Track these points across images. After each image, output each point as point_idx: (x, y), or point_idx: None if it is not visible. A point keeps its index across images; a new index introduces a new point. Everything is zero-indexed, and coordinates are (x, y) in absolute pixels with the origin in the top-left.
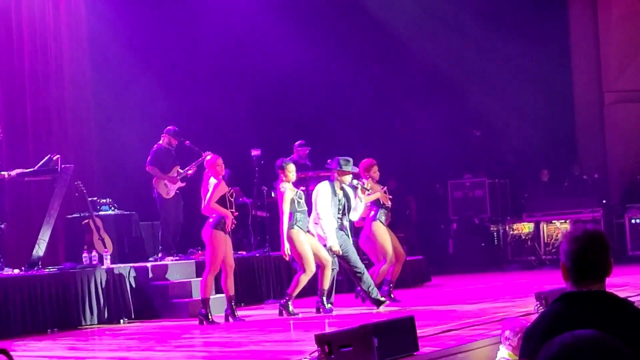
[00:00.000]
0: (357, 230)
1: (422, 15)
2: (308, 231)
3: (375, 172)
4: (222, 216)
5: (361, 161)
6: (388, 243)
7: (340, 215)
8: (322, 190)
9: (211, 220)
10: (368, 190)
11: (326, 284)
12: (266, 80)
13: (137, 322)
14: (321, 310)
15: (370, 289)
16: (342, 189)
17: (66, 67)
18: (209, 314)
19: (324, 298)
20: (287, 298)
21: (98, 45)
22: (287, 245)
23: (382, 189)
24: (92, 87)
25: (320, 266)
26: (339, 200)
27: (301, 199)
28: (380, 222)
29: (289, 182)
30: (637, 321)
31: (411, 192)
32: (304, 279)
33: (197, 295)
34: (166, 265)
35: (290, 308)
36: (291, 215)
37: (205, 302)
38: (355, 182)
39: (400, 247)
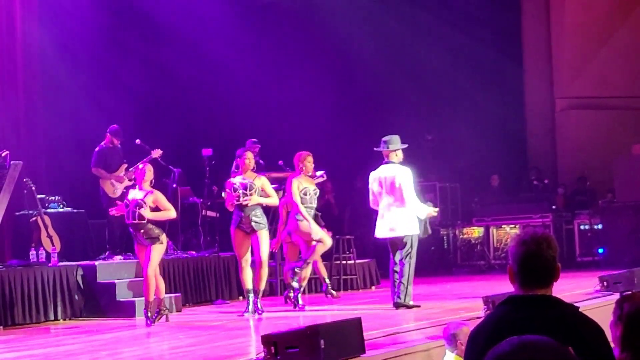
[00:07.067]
0: None
1: (369, 23)
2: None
3: (309, 163)
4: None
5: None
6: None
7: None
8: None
9: None
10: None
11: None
12: (219, 80)
13: (83, 320)
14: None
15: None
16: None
17: (20, 64)
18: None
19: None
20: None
21: (50, 43)
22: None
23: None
24: (42, 83)
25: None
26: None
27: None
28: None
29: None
30: (581, 326)
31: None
32: None
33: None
34: (113, 264)
35: None
36: None
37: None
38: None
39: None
